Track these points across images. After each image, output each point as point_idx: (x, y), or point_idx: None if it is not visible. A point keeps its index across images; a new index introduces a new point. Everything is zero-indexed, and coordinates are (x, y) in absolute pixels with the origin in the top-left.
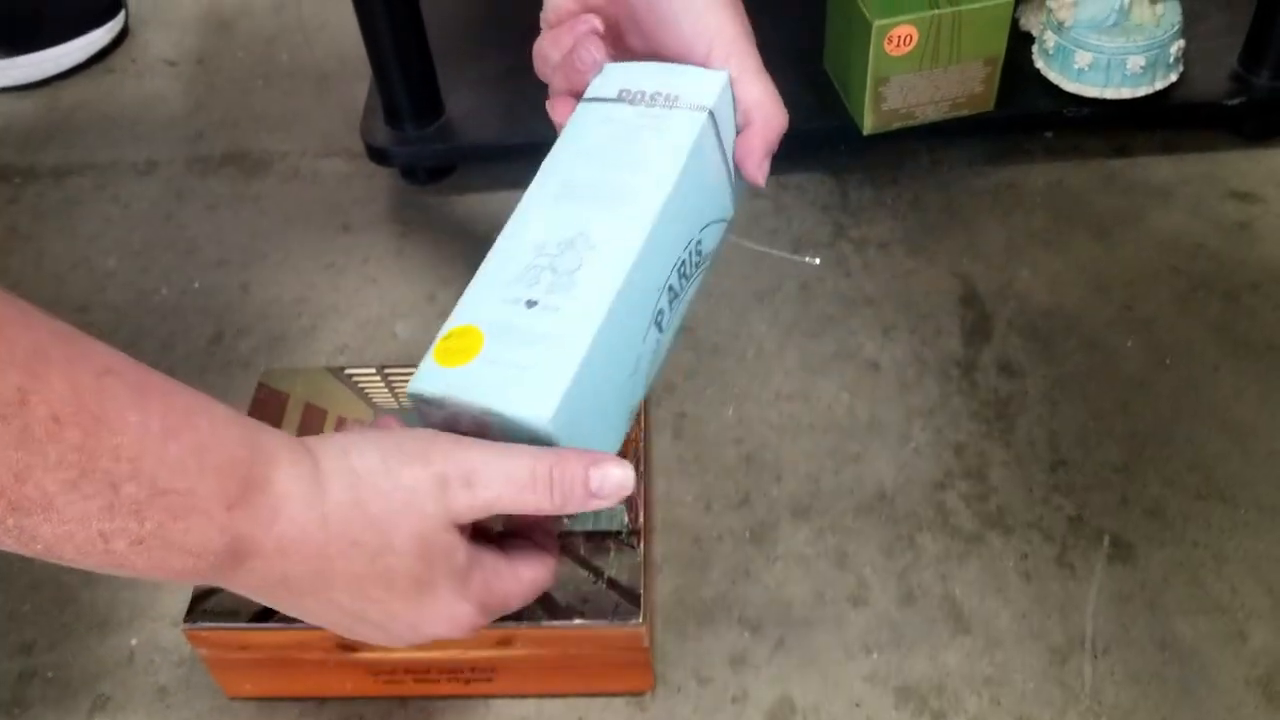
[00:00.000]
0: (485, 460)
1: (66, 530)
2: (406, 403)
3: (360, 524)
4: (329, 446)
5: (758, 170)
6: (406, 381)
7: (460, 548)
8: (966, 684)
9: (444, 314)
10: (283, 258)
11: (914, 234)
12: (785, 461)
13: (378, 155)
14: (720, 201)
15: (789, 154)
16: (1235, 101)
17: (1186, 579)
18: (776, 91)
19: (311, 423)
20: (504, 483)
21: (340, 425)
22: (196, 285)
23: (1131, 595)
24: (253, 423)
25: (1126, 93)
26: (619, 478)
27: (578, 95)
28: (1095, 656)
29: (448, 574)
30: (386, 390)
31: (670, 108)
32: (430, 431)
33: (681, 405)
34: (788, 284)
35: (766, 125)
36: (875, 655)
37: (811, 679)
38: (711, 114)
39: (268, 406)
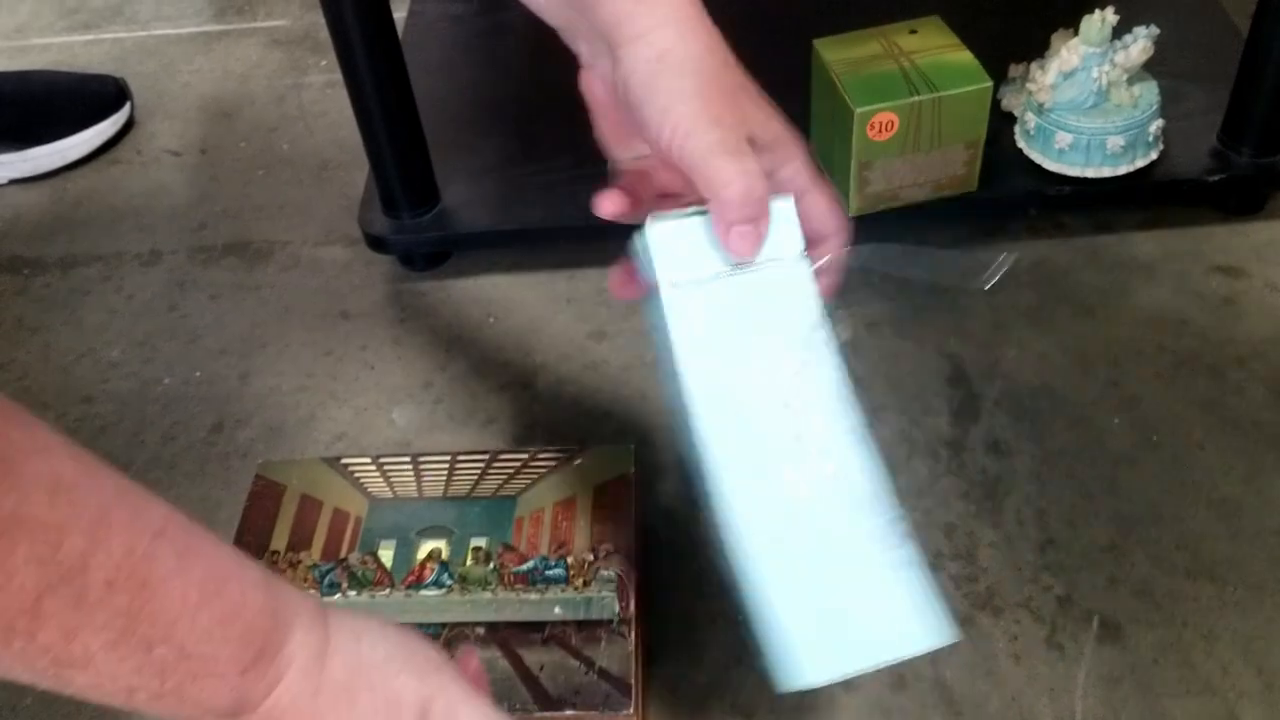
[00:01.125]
0: (470, 702)
1: (98, 681)
2: (401, 492)
3: (345, 707)
4: (344, 625)
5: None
6: (401, 471)
7: None
8: None
9: (438, 400)
10: (282, 347)
11: (902, 314)
12: None
13: (375, 243)
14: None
15: None
16: (1216, 178)
17: (1176, 660)
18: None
19: (307, 514)
20: None
21: (336, 516)
22: (198, 375)
23: (1121, 677)
24: (279, 587)
25: (1107, 171)
26: None
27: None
28: None
29: None
30: (382, 480)
31: (763, 266)
32: (444, 656)
33: (675, 489)
34: None
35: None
36: None
37: None
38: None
39: (265, 499)
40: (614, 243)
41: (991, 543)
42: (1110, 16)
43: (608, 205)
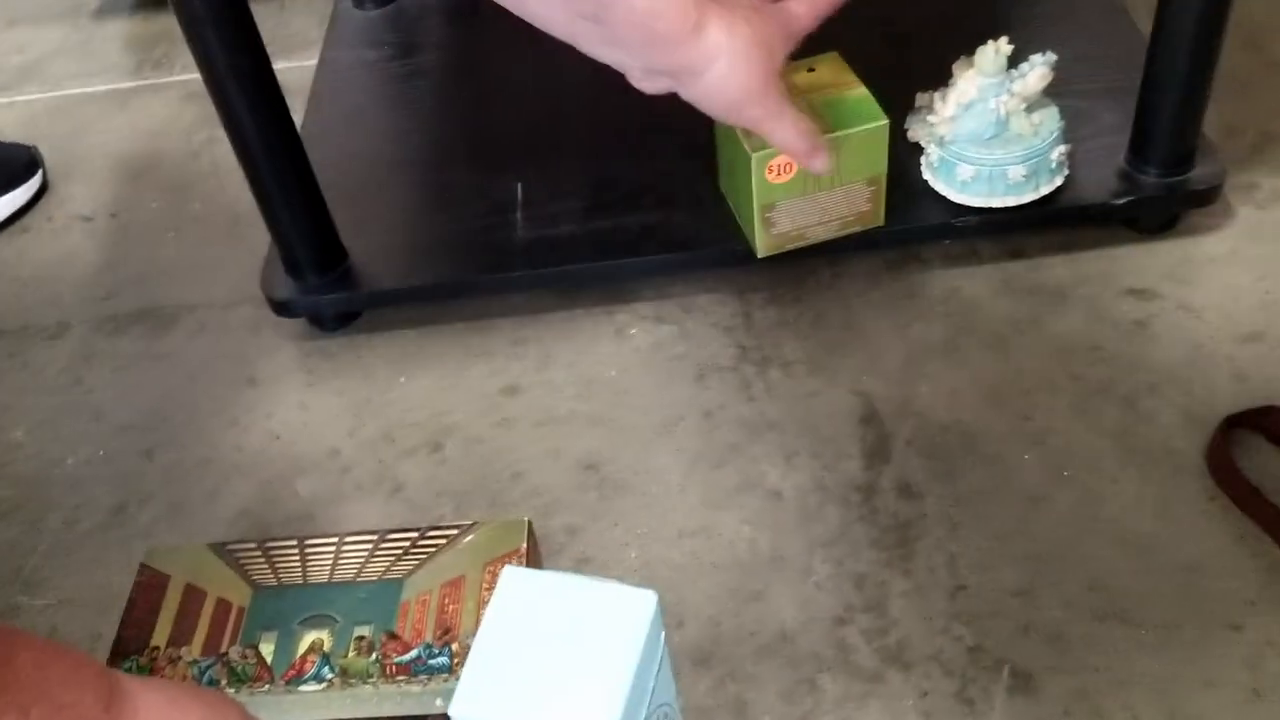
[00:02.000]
0: None
1: None
2: (286, 579)
3: None
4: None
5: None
6: (288, 556)
7: None
8: None
9: (345, 469)
10: (186, 419)
11: (816, 353)
12: (688, 605)
13: (280, 308)
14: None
15: (691, 275)
16: (1123, 201)
17: (1087, 709)
18: None
19: (190, 606)
20: None
21: (219, 607)
22: (101, 454)
23: None
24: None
25: (1011, 200)
26: None
27: None
28: None
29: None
30: (267, 567)
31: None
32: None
33: (584, 549)
34: (691, 414)
35: None
36: None
37: None
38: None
39: (149, 591)
40: (517, 297)
41: (903, 592)
42: (1004, 47)
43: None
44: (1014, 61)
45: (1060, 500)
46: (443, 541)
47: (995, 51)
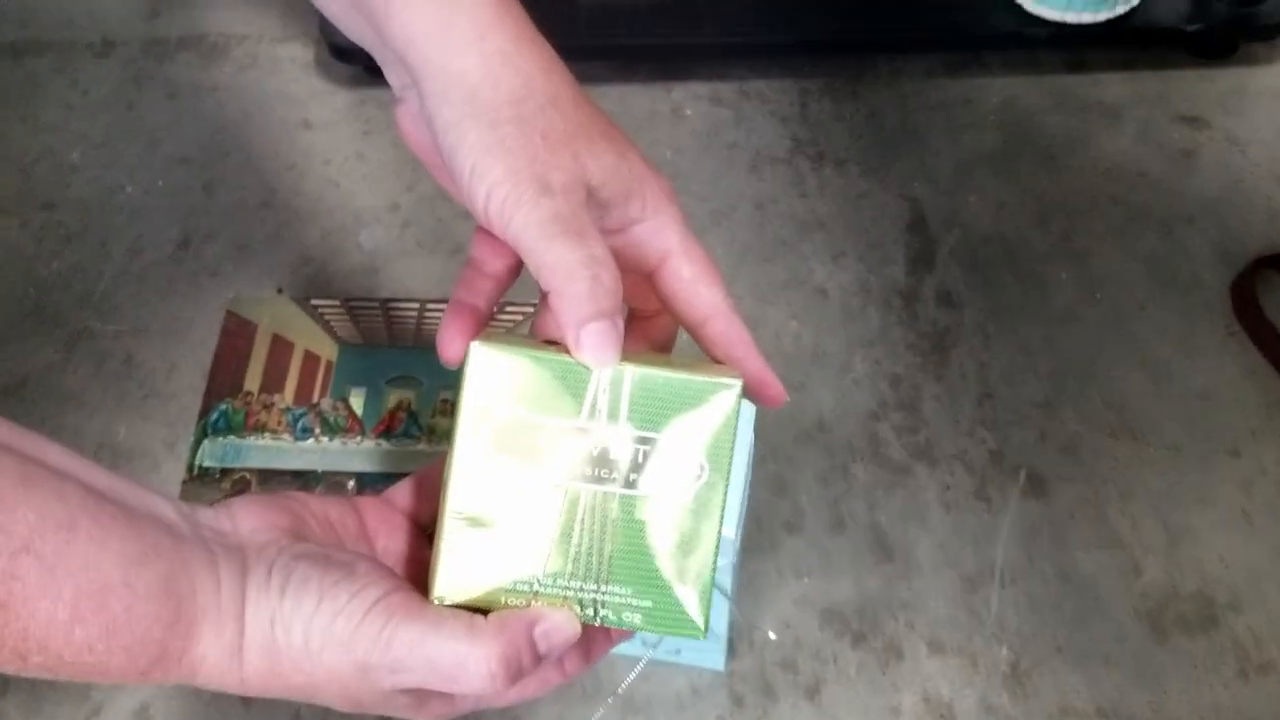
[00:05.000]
0: (411, 648)
1: None
2: (371, 338)
3: (279, 689)
4: (259, 614)
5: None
6: (368, 312)
7: (395, 696)
8: (885, 608)
9: (405, 224)
10: (245, 157)
11: (869, 152)
12: None
13: (338, 52)
14: None
15: (748, 58)
16: (1194, 27)
17: (1092, 515)
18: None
19: (279, 355)
20: (429, 671)
21: (307, 359)
22: (160, 184)
23: (1040, 529)
24: (184, 586)
25: (1088, 17)
26: (567, 630)
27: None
28: (1002, 586)
29: (385, 707)
30: (352, 325)
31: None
32: (365, 605)
33: None
34: (744, 205)
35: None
36: (806, 580)
37: (745, 601)
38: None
39: (237, 337)
40: (575, 67)
41: (934, 395)
42: None
43: (452, 349)
44: None
45: (1089, 320)
46: (519, 319)
47: None
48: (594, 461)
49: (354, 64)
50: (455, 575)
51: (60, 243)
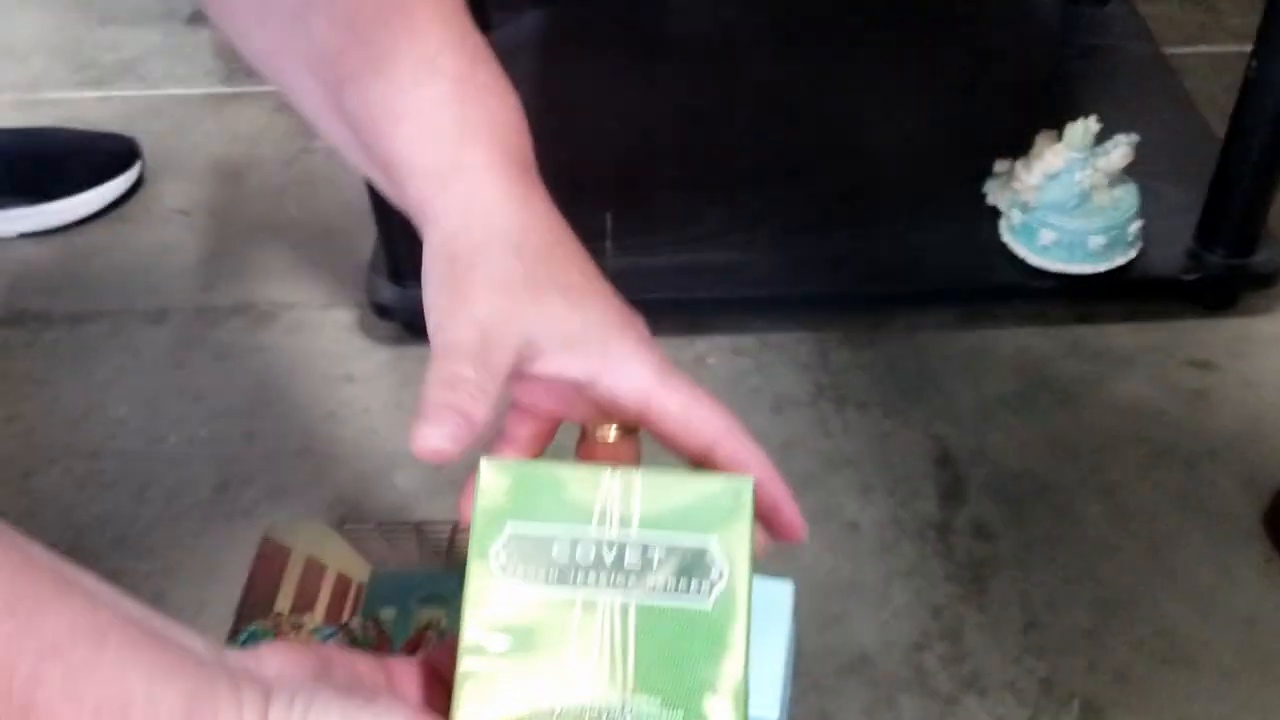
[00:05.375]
0: None
1: None
2: (403, 559)
3: None
4: (282, 699)
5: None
6: (404, 537)
7: None
8: None
9: (441, 466)
10: (287, 408)
11: (890, 396)
12: None
13: (381, 311)
14: None
15: (769, 312)
16: (1191, 277)
17: None
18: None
19: (311, 577)
20: None
21: (339, 581)
22: (203, 434)
23: None
24: (201, 708)
25: (1088, 268)
26: None
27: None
28: None
29: None
30: (385, 546)
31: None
32: (385, 706)
33: None
34: (768, 444)
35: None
36: None
37: None
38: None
39: (271, 561)
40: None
41: (978, 624)
42: (1093, 125)
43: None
44: (1097, 140)
45: (1127, 551)
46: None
47: (1084, 129)
48: (609, 569)
49: (394, 320)
50: (475, 705)
51: (101, 489)
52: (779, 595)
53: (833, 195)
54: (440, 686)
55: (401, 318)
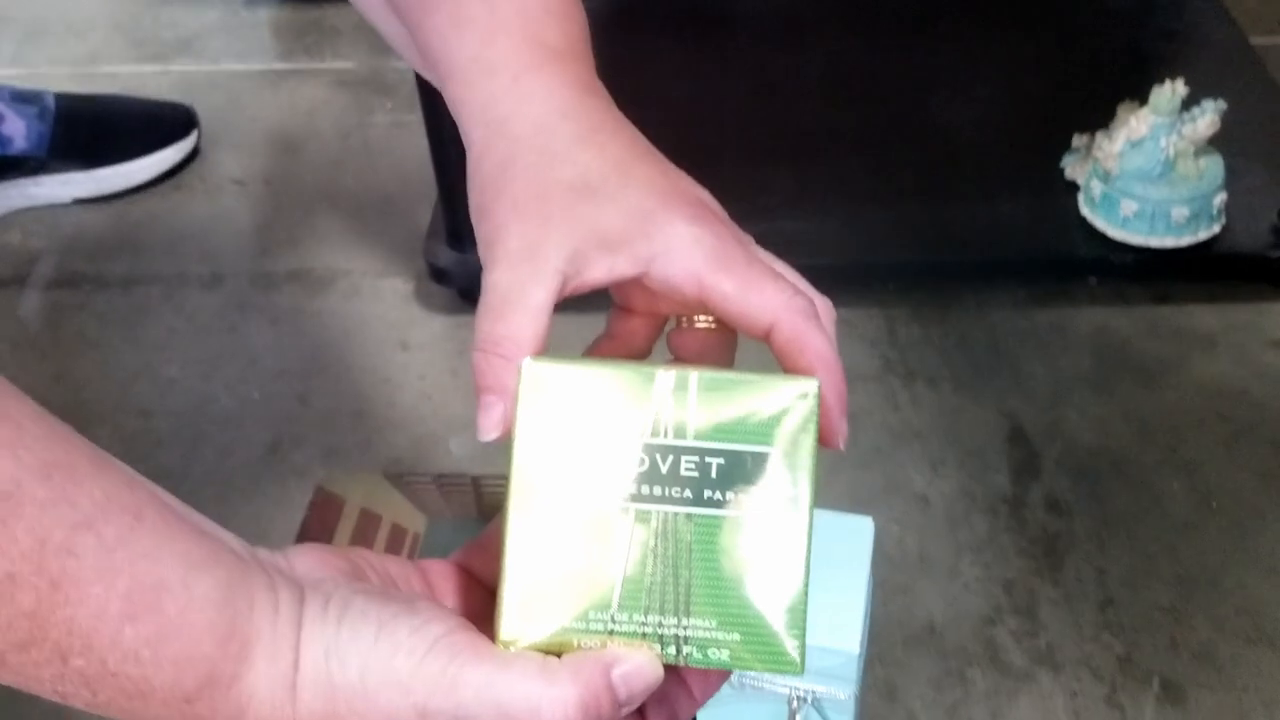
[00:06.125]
0: (478, 691)
1: (23, 682)
2: (460, 513)
3: None
4: (314, 645)
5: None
6: (461, 491)
7: None
8: None
9: None
10: (342, 371)
11: (961, 372)
12: None
13: (439, 275)
14: None
15: (836, 288)
16: (1277, 254)
17: None
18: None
19: (366, 529)
20: (498, 717)
21: (394, 532)
22: (256, 395)
23: None
24: (242, 598)
25: (1170, 242)
26: (648, 672)
27: None
28: None
29: None
30: (441, 499)
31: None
32: (427, 642)
33: None
34: None
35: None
36: None
37: None
38: None
39: (325, 510)
40: None
41: (1051, 599)
42: (1180, 88)
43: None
44: (1183, 107)
45: (1208, 529)
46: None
47: (1171, 92)
48: (663, 480)
49: (451, 285)
50: (522, 616)
51: (151, 446)
52: (860, 530)
53: (905, 167)
54: (477, 589)
55: (459, 283)
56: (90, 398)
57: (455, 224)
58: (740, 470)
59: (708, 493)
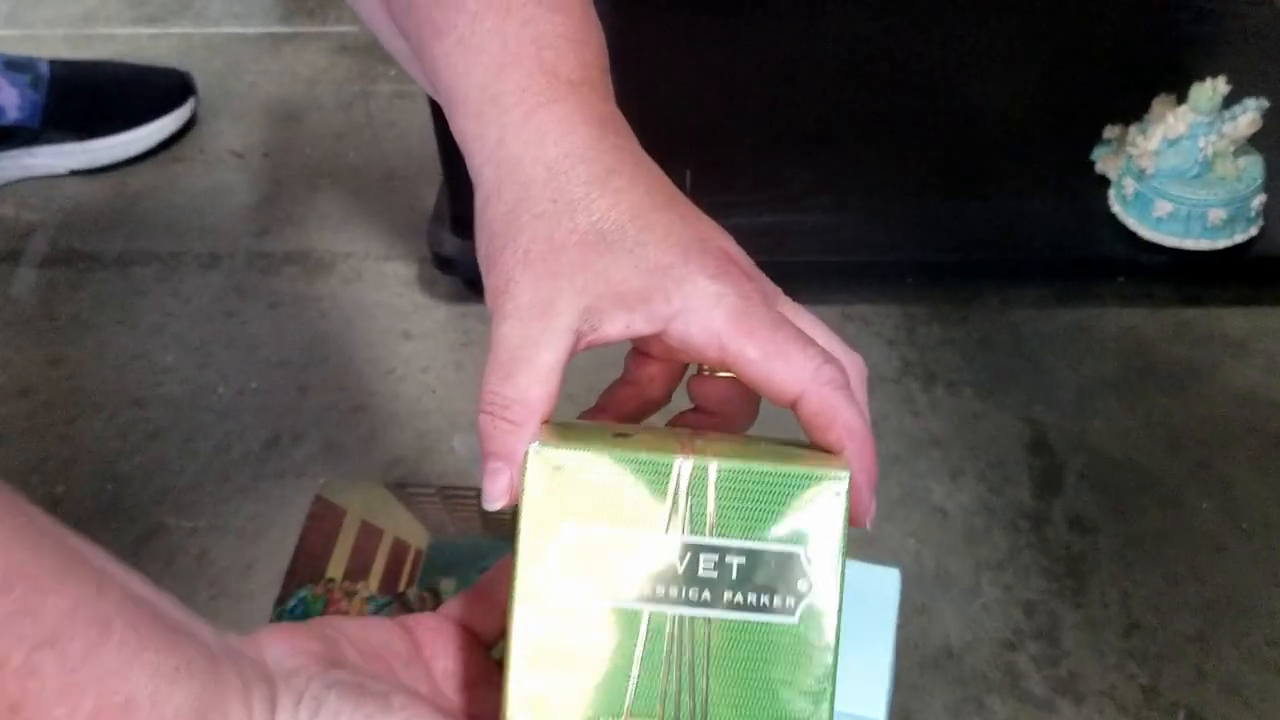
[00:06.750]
0: None
1: None
2: (464, 526)
3: None
4: (288, 700)
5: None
6: (465, 504)
7: None
8: None
9: None
10: (343, 362)
11: (983, 375)
12: None
13: (443, 264)
14: None
15: (853, 282)
16: None
17: None
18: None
19: (367, 541)
20: None
21: (396, 546)
22: (254, 385)
23: None
24: (210, 714)
25: (1205, 244)
26: None
27: None
28: None
29: None
30: (445, 513)
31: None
32: (404, 712)
33: None
34: None
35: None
36: None
37: None
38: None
39: (324, 521)
40: None
41: (1074, 624)
42: (1222, 86)
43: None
44: (1223, 104)
45: (1239, 551)
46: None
47: (1213, 90)
48: (680, 580)
49: (456, 274)
50: (531, 717)
51: (145, 439)
52: (886, 584)
53: (928, 159)
54: (472, 648)
55: (464, 272)
56: (86, 384)
57: (460, 210)
58: (764, 571)
59: (728, 595)
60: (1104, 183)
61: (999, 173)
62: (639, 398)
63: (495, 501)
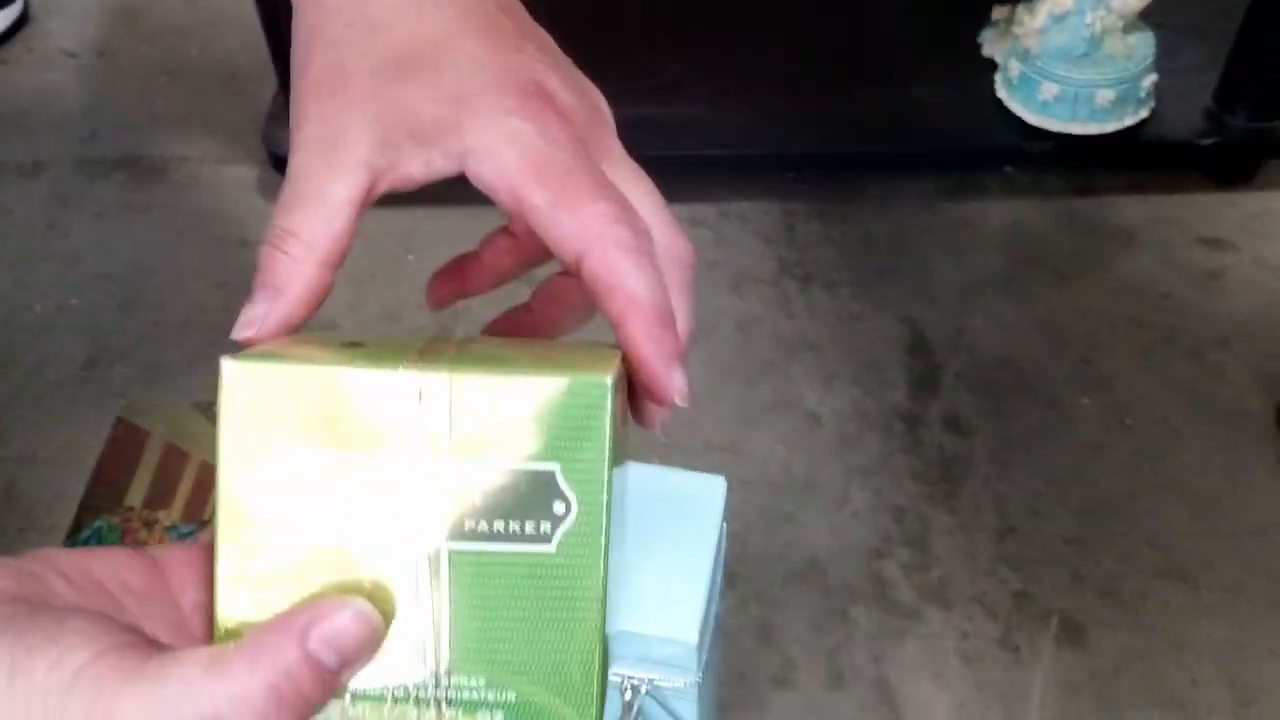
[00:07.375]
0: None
1: None
2: None
3: None
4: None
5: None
6: None
7: None
8: None
9: None
10: (170, 275)
11: (862, 274)
12: None
13: (281, 164)
14: None
15: (730, 177)
16: (1209, 141)
17: (1142, 668)
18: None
19: (171, 466)
20: None
21: (203, 471)
22: (74, 302)
23: (1081, 685)
24: None
25: (1094, 128)
26: (358, 627)
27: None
28: None
29: None
30: None
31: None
32: (67, 680)
33: None
34: (724, 325)
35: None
36: None
37: None
38: None
39: (125, 446)
40: None
41: (946, 529)
42: None
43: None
44: None
45: (1120, 449)
46: None
47: None
48: (414, 508)
49: None
50: None
51: None
52: (707, 493)
53: (809, 48)
54: None
55: None
56: None
57: None
58: (511, 496)
59: (470, 524)
60: (992, 67)
61: (884, 61)
62: (488, 276)
63: (243, 329)
